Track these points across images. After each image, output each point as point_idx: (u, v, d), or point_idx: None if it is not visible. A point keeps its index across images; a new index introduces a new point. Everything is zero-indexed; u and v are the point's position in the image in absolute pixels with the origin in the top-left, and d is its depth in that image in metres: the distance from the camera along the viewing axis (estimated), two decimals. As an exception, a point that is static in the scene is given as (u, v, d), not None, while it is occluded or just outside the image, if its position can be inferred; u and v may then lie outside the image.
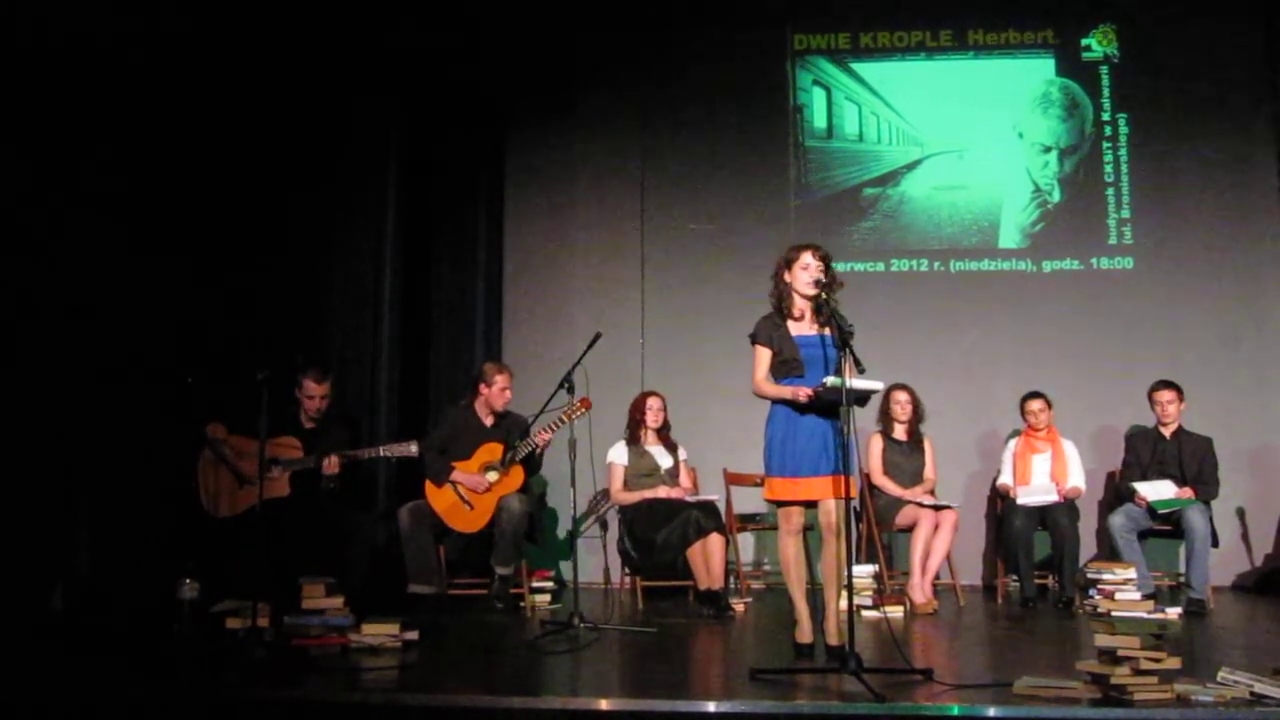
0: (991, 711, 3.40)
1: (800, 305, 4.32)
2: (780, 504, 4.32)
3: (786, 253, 4.39)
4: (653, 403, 6.17)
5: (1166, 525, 5.91)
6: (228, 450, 5.60)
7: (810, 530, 4.40)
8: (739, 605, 5.68)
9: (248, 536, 4.96)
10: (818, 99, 7.37)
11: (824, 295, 4.22)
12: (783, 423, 4.27)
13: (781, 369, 4.29)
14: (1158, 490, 5.88)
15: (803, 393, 4.16)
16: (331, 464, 5.59)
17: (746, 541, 6.89)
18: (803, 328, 4.32)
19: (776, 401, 4.30)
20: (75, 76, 5.32)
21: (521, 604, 5.77)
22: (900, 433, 6.26)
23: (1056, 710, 3.42)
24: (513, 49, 7.27)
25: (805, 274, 4.28)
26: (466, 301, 7.13)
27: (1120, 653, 3.49)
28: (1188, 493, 5.88)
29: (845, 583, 3.96)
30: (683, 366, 7.02)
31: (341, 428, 5.85)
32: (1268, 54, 7.10)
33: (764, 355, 4.34)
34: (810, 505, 4.30)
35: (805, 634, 4.36)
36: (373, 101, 6.64)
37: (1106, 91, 7.23)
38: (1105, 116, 7.23)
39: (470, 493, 5.76)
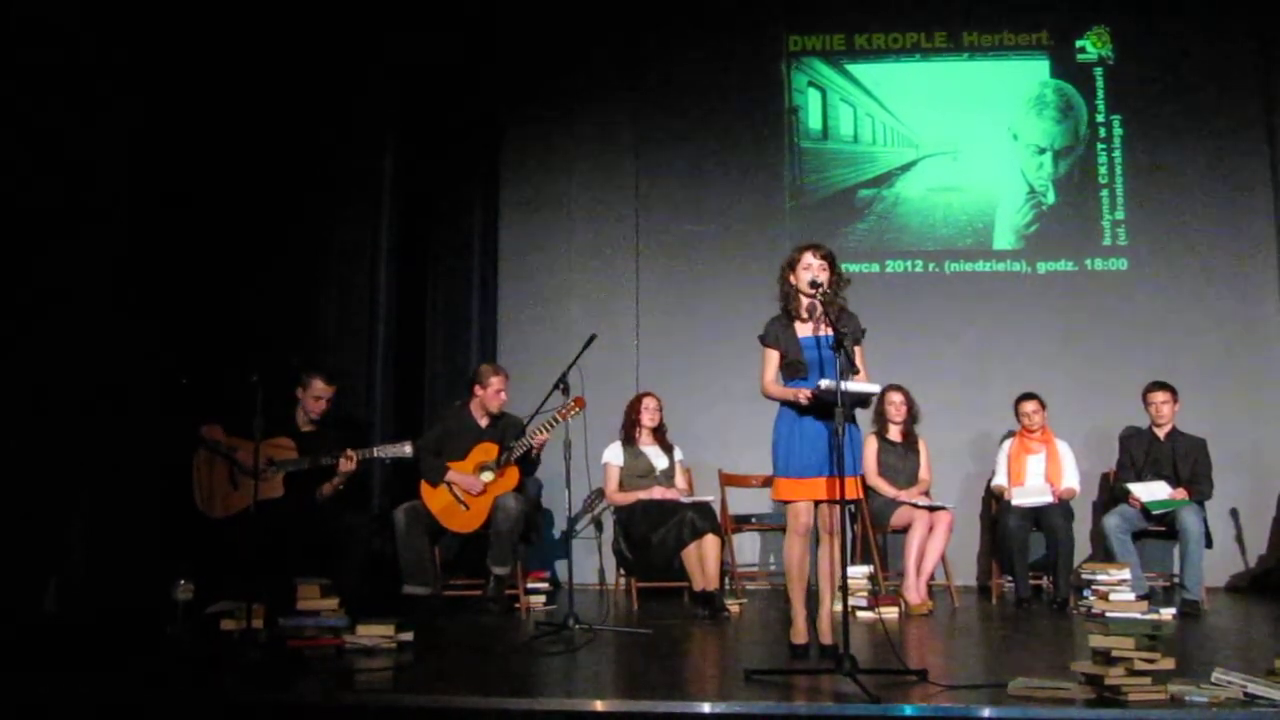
0: (986, 712, 3.40)
1: (806, 306, 4.34)
2: (787, 504, 4.34)
3: (791, 253, 4.42)
4: (649, 403, 6.18)
5: (1161, 526, 5.93)
6: (223, 448, 5.60)
7: (808, 531, 4.41)
8: (734, 606, 5.68)
9: (242, 537, 4.95)
10: (813, 100, 7.38)
11: (821, 296, 4.22)
12: (788, 424, 4.30)
13: (788, 370, 4.32)
14: (1152, 491, 5.89)
15: (803, 395, 4.18)
16: (349, 462, 5.56)
17: (741, 542, 6.89)
18: (808, 329, 4.33)
19: (782, 403, 4.31)
20: (73, 76, 5.31)
21: (517, 605, 5.77)
22: (895, 434, 6.26)
23: (1051, 711, 3.42)
24: (508, 51, 7.28)
25: (807, 274, 4.29)
26: (462, 302, 7.13)
27: (1114, 653, 3.49)
28: (1182, 494, 5.88)
29: (841, 584, 3.97)
30: (678, 367, 7.03)
31: (338, 431, 5.83)
32: (1260, 55, 7.12)
33: (772, 357, 4.36)
34: (816, 504, 4.31)
35: (800, 635, 4.37)
36: (369, 103, 6.63)
37: (1101, 93, 7.26)
38: (1099, 118, 7.25)
39: (466, 493, 5.75)
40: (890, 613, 5.46)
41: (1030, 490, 6.09)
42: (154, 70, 5.72)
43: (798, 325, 4.35)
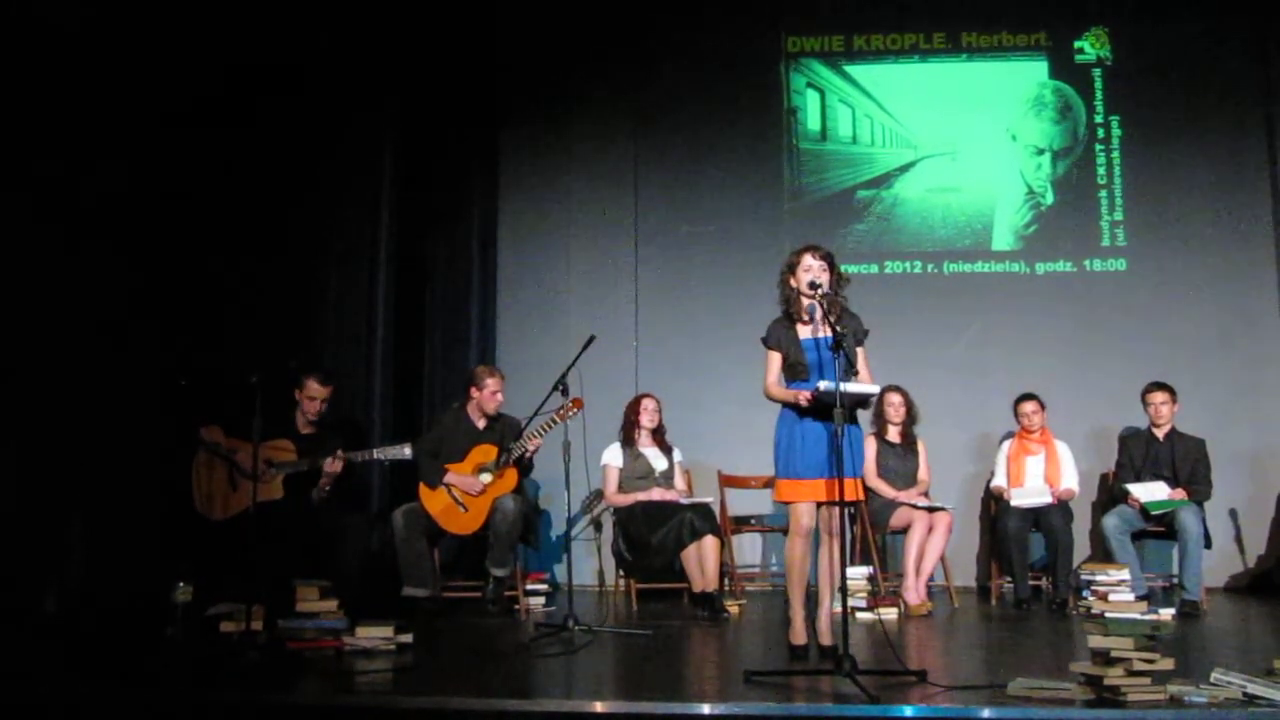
0: (985, 713, 3.40)
1: (806, 308, 4.35)
2: (789, 505, 4.34)
3: (790, 256, 4.43)
4: (648, 404, 6.18)
5: (1160, 526, 5.93)
6: (222, 450, 5.60)
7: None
8: (733, 607, 5.68)
9: (242, 539, 4.95)
10: (811, 101, 7.38)
11: (821, 297, 4.22)
12: (789, 425, 4.31)
13: (789, 372, 4.34)
14: (1151, 492, 5.89)
15: (803, 396, 4.19)
16: (335, 463, 5.57)
17: (741, 543, 6.88)
18: (809, 331, 4.34)
19: (783, 404, 4.32)
20: (71, 77, 5.31)
21: (516, 606, 5.77)
22: (894, 435, 6.26)
23: (1050, 712, 3.42)
24: (508, 52, 7.28)
25: (806, 275, 4.30)
26: (461, 303, 7.12)
27: (1114, 654, 3.49)
28: (1181, 494, 5.89)
29: (841, 585, 3.97)
30: (677, 369, 7.02)
31: (336, 433, 5.83)
32: (1259, 55, 7.12)
33: (774, 359, 4.38)
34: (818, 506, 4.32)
35: (800, 635, 4.38)
36: (368, 104, 6.63)
37: (1099, 94, 7.25)
38: (1098, 119, 7.25)
39: (465, 495, 5.75)
40: (889, 613, 5.46)
41: (1029, 491, 6.09)
42: (154, 70, 5.72)
43: (799, 327, 4.37)
